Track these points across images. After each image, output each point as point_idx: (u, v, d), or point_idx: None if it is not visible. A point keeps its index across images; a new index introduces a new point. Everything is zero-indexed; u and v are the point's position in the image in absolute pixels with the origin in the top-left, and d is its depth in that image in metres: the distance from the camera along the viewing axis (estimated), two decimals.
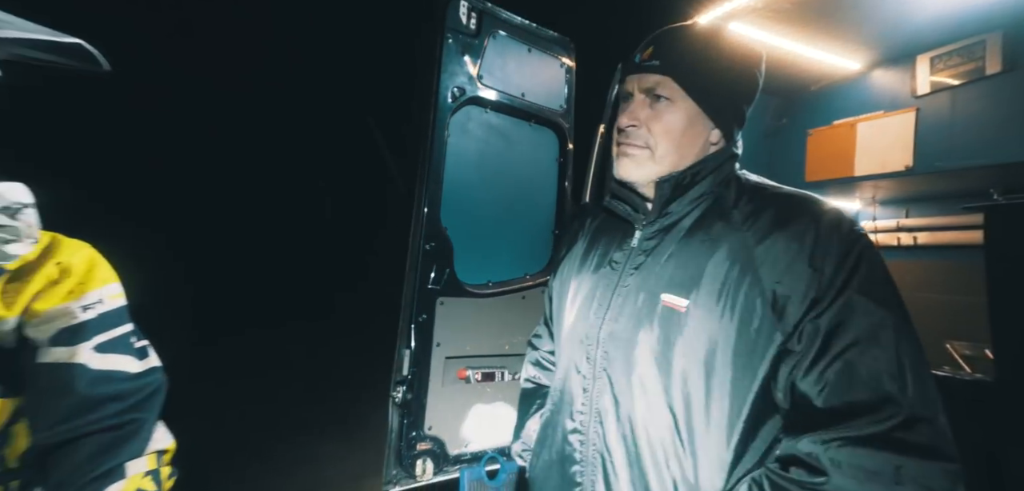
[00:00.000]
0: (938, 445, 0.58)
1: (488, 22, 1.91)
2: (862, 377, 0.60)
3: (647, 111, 0.79)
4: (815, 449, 0.60)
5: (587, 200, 2.33)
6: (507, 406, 2.20)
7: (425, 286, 1.93)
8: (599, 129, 2.32)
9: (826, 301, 0.63)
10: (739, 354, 0.67)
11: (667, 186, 0.79)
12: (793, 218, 0.69)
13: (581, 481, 0.78)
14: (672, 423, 0.69)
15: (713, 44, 0.79)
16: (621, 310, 0.77)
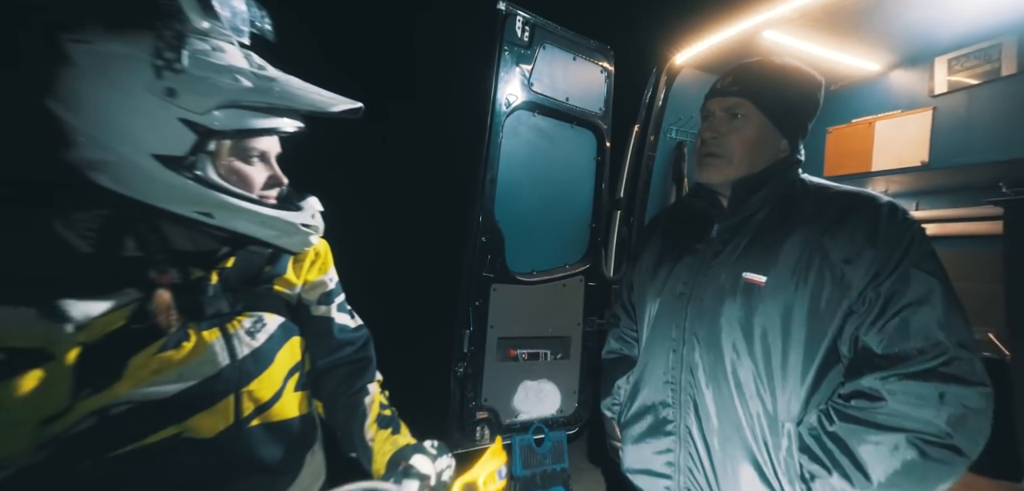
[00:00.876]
0: (973, 375, 0.75)
1: (540, 34, 2.09)
2: (916, 329, 0.78)
3: (727, 126, 0.97)
4: (875, 383, 0.78)
5: (622, 195, 2.52)
6: (550, 383, 2.43)
7: (481, 274, 2.15)
8: (634, 129, 2.50)
9: (886, 273, 0.80)
10: (812, 316, 0.85)
11: (743, 187, 0.96)
12: (855, 210, 0.86)
13: (674, 419, 1.00)
14: (754, 371, 0.89)
15: (780, 72, 0.97)
16: (706, 287, 0.97)
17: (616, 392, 1.18)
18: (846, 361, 0.86)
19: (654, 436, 1.03)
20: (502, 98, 2.05)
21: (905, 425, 0.76)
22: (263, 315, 0.76)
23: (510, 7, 2.01)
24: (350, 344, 0.89)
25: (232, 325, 0.72)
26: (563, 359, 2.43)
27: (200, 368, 0.66)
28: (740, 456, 0.90)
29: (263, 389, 0.73)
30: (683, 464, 0.98)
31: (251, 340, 0.73)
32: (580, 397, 2.46)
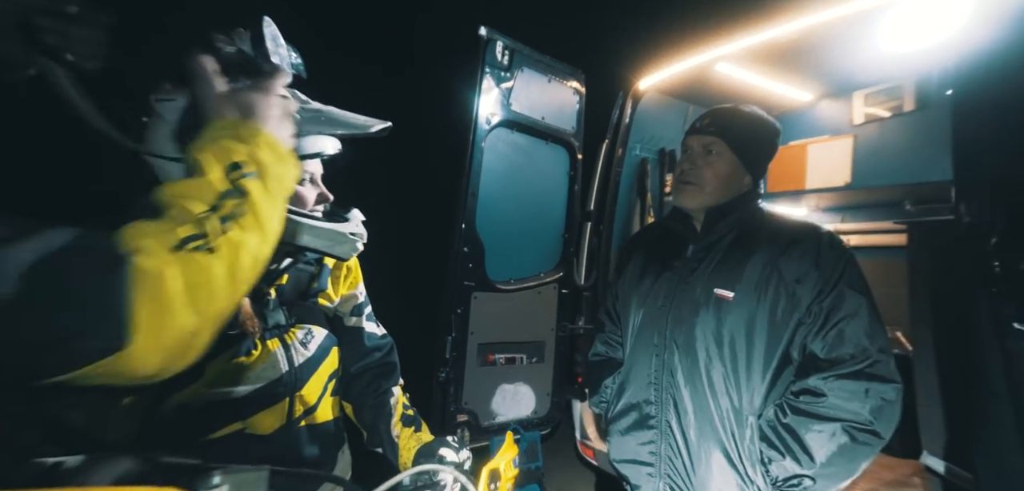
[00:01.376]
0: (890, 374, 0.96)
1: (518, 58, 2.23)
2: (849, 337, 0.97)
3: (703, 160, 1.14)
4: (818, 382, 0.97)
5: (592, 207, 2.71)
6: (525, 386, 2.56)
7: (463, 283, 2.25)
8: (603, 146, 2.70)
9: (827, 291, 0.99)
10: (770, 326, 1.02)
11: (714, 214, 1.14)
12: (803, 238, 1.05)
13: (656, 415, 1.15)
14: (724, 372, 1.06)
15: (749, 119, 1.16)
16: (684, 299, 1.13)
17: (603, 391, 1.32)
18: (796, 364, 1.04)
19: (638, 430, 1.19)
20: (483, 116, 2.17)
21: (840, 416, 0.95)
22: (311, 327, 0.84)
23: (491, 33, 2.13)
24: (378, 350, 0.98)
25: (289, 335, 0.81)
26: (538, 363, 2.56)
27: (265, 373, 0.75)
28: (712, 445, 1.07)
29: (311, 394, 0.82)
30: (664, 453, 1.14)
31: (304, 349, 0.82)
32: (553, 398, 2.61)
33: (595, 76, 2.55)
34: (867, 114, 2.91)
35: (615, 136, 2.63)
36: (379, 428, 0.93)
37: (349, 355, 0.95)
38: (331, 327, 0.91)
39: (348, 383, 0.97)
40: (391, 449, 0.91)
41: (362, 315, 0.97)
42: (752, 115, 1.17)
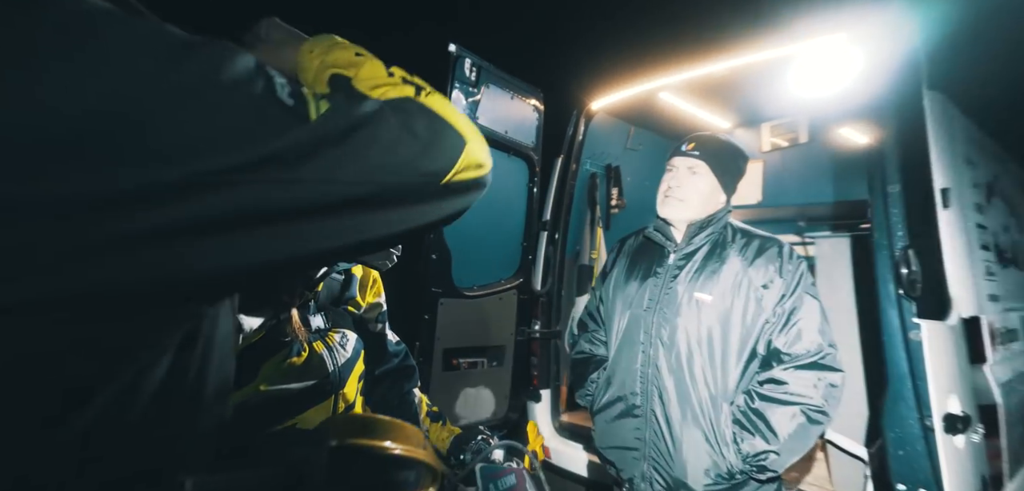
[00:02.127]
0: (836, 364, 1.17)
1: (485, 75, 2.33)
2: (807, 336, 1.17)
3: (686, 178, 1.32)
4: (781, 372, 1.17)
5: (547, 217, 2.88)
6: (486, 389, 2.63)
7: (430, 289, 2.27)
8: (558, 160, 2.89)
9: (788, 296, 1.20)
10: (742, 326, 1.21)
11: (695, 226, 1.32)
12: (767, 250, 1.25)
13: (641, 404, 1.29)
14: (703, 363, 1.22)
15: (728, 147, 1.36)
16: (668, 302, 1.29)
17: (589, 385, 1.44)
18: (761, 358, 1.24)
19: (624, 418, 1.32)
20: None
21: (799, 400, 1.15)
22: (346, 331, 0.87)
23: (460, 50, 2.22)
24: (396, 355, 1.03)
25: (330, 338, 0.83)
26: (498, 367, 2.66)
27: (315, 372, 0.78)
28: (692, 428, 1.23)
29: (350, 391, 0.85)
30: (648, 438, 1.29)
31: (343, 351, 0.85)
32: (511, 401, 2.71)
33: (552, 96, 2.74)
34: (772, 143, 3.45)
35: (570, 151, 2.83)
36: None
37: (374, 359, 0.99)
38: (357, 331, 0.94)
39: (372, 385, 0.99)
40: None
41: (385, 322, 1.02)
42: (729, 143, 1.39)
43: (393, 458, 0.42)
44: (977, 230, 1.66)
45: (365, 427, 0.43)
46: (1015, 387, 1.66)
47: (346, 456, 0.40)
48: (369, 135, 0.38)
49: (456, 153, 0.42)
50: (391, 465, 0.42)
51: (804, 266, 1.25)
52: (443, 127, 0.43)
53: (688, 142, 1.37)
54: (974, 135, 1.87)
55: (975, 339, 1.46)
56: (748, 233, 1.35)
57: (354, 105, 0.39)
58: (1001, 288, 1.76)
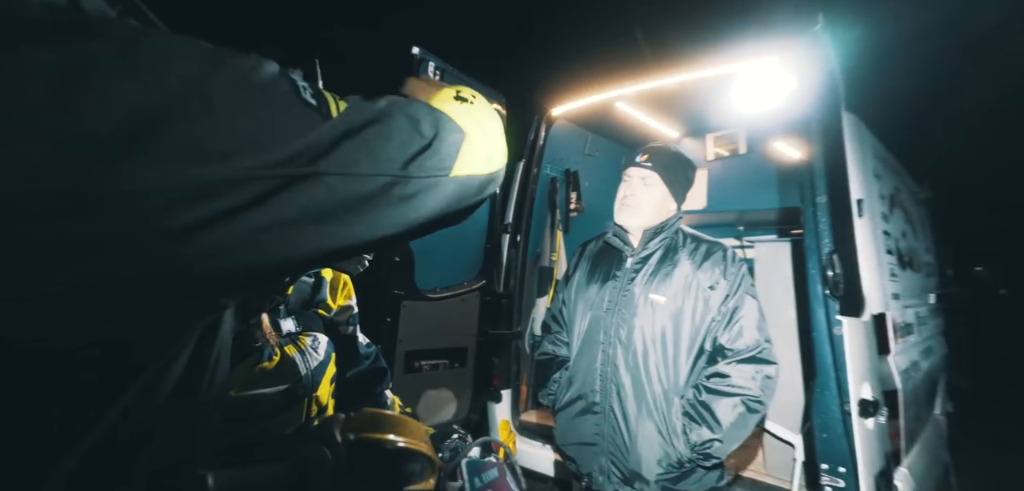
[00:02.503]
0: (771, 358, 1.28)
1: (448, 78, 2.33)
2: (746, 331, 1.28)
3: (640, 188, 1.41)
4: (724, 366, 1.28)
5: (509, 220, 2.92)
6: (448, 390, 2.63)
7: (393, 291, 2.24)
8: (520, 164, 2.94)
9: (731, 296, 1.31)
10: (691, 324, 1.31)
11: (649, 232, 1.41)
12: (713, 254, 1.36)
13: (600, 401, 1.36)
14: (657, 362, 1.31)
15: (678, 158, 1.45)
16: (626, 303, 1.37)
17: (551, 385, 1.49)
18: (708, 354, 1.35)
19: (584, 415, 1.39)
20: None
21: (739, 392, 1.26)
22: (317, 335, 0.86)
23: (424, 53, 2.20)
24: (367, 357, 1.03)
25: (301, 342, 0.82)
26: (460, 368, 2.66)
27: (287, 376, 0.77)
28: (646, 421, 1.31)
29: (322, 394, 0.84)
30: (607, 433, 1.36)
31: (315, 354, 0.84)
32: (472, 402, 2.73)
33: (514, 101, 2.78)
34: (715, 152, 3.71)
35: (531, 155, 2.90)
36: None
37: (345, 362, 0.98)
38: (328, 334, 0.93)
39: (343, 388, 0.98)
40: None
41: (356, 325, 1.02)
42: (679, 155, 1.49)
43: (403, 451, 0.44)
44: (883, 236, 1.90)
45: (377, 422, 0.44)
46: (911, 374, 1.92)
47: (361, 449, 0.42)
48: (383, 130, 0.40)
49: (455, 148, 0.45)
50: (401, 457, 0.44)
51: (745, 268, 1.38)
52: (445, 122, 0.46)
53: (641, 154, 1.47)
54: (880, 151, 2.14)
55: (882, 333, 1.68)
56: (697, 238, 1.46)
57: (368, 104, 0.42)
58: (901, 287, 2.03)
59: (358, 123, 0.39)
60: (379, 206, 0.40)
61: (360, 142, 0.38)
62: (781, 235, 2.65)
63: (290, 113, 0.36)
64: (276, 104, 0.35)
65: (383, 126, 0.41)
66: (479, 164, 0.47)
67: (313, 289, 0.89)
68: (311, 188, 0.35)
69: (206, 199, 0.30)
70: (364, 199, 0.39)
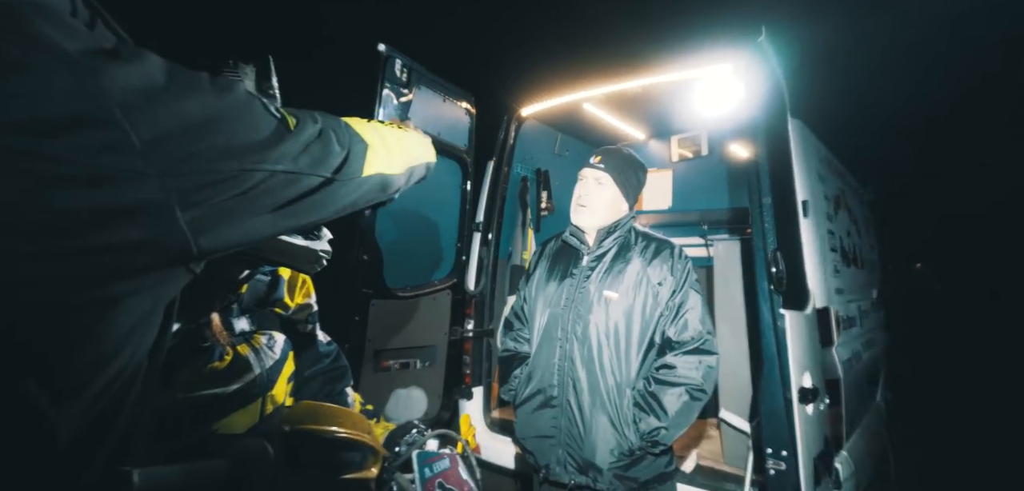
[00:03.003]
0: (713, 349, 1.37)
1: (416, 76, 2.34)
2: (690, 325, 1.36)
3: (594, 188, 1.46)
4: (671, 358, 1.35)
5: (480, 219, 2.94)
6: (418, 389, 2.63)
7: (361, 290, 2.22)
8: (490, 163, 2.97)
9: (678, 291, 1.38)
10: (642, 318, 1.37)
11: (603, 231, 1.47)
12: (662, 252, 1.43)
13: (557, 395, 1.40)
14: (610, 356, 1.36)
15: (629, 161, 1.50)
16: (582, 300, 1.42)
17: (512, 381, 1.53)
18: (657, 346, 1.41)
19: (543, 409, 1.44)
20: None
21: (684, 381, 1.33)
22: (273, 333, 0.85)
23: (390, 50, 2.20)
24: (328, 356, 1.02)
25: (255, 340, 0.81)
26: (430, 366, 2.67)
27: (240, 375, 0.76)
28: (600, 414, 1.37)
29: (279, 393, 0.83)
30: (563, 425, 1.41)
31: (271, 353, 0.83)
32: (443, 399, 2.74)
33: (485, 101, 2.81)
34: (680, 154, 3.85)
35: (501, 155, 2.92)
36: None
37: (303, 359, 0.98)
38: (286, 333, 0.93)
39: (300, 386, 0.98)
40: None
41: (316, 323, 1.01)
42: (631, 157, 1.55)
43: (340, 440, 0.46)
44: (827, 235, 2.04)
45: (314, 414, 0.46)
46: (853, 364, 2.07)
47: (297, 439, 0.44)
48: (323, 142, 0.52)
49: (362, 156, 0.58)
50: (338, 446, 0.46)
51: (690, 264, 1.46)
52: (355, 137, 0.58)
53: (595, 156, 1.53)
54: (824, 154, 2.29)
55: (825, 326, 1.80)
56: (648, 237, 1.52)
57: (310, 120, 0.52)
58: (844, 283, 2.18)
59: (311, 136, 0.50)
60: (322, 196, 0.52)
61: (311, 151, 0.50)
62: (739, 235, 2.78)
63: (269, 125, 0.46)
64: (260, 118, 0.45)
65: (323, 140, 0.52)
66: (382, 166, 0.60)
67: (269, 287, 0.88)
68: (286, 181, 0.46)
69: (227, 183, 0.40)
70: (314, 191, 0.50)
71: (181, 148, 0.37)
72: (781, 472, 1.41)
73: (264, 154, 0.44)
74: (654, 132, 3.82)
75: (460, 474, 0.71)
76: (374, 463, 0.50)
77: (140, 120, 0.34)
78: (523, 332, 1.61)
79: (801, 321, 1.55)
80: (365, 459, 0.49)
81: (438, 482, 0.67)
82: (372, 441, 0.50)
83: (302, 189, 0.48)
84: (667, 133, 3.79)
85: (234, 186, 0.41)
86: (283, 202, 0.46)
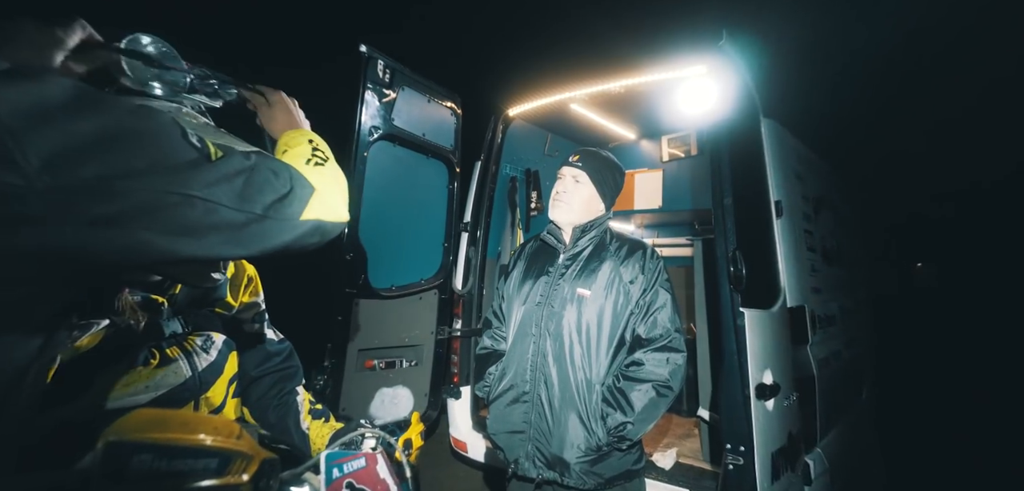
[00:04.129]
0: (681, 347, 1.35)
1: (399, 77, 2.37)
2: (660, 322, 1.37)
3: (572, 186, 1.48)
4: (640, 355, 1.35)
5: (467, 218, 2.97)
6: (404, 388, 2.66)
7: (345, 289, 2.26)
8: (478, 163, 3.00)
9: (648, 290, 1.39)
10: (614, 316, 1.38)
11: (578, 230, 1.49)
12: (635, 251, 1.44)
13: (529, 391, 1.42)
14: (582, 352, 1.38)
15: (606, 161, 1.52)
16: (556, 297, 1.43)
17: (487, 377, 1.55)
18: (628, 344, 1.42)
19: (515, 404, 1.46)
20: (365, 130, 2.25)
21: (651, 378, 1.35)
22: (210, 334, 0.86)
23: (371, 51, 2.24)
24: (278, 355, 1.03)
25: (188, 343, 0.82)
26: (417, 365, 2.70)
27: (167, 379, 0.76)
28: (569, 409, 1.39)
29: (216, 396, 0.84)
30: (534, 420, 1.43)
31: (206, 355, 0.84)
32: (430, 398, 2.76)
33: (471, 101, 2.84)
34: (670, 154, 3.85)
35: (489, 155, 2.95)
36: (287, 425, 0.99)
37: (250, 359, 0.99)
38: (230, 333, 0.93)
39: (248, 386, 0.99)
40: (302, 441, 0.99)
41: (263, 322, 1.02)
42: (608, 159, 1.57)
43: (179, 448, 0.44)
44: (804, 235, 2.04)
45: (154, 422, 0.44)
46: (830, 363, 2.07)
47: (119, 451, 0.42)
48: (252, 179, 0.54)
49: (304, 201, 0.59)
50: (177, 454, 0.43)
51: (662, 264, 1.48)
52: (299, 180, 0.59)
53: (574, 155, 1.55)
54: (804, 155, 2.29)
55: (799, 324, 1.81)
56: (622, 237, 1.55)
57: (240, 155, 0.54)
58: (823, 282, 2.18)
59: (235, 169, 0.52)
60: (249, 233, 0.53)
61: (233, 184, 0.52)
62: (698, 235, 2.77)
63: (185, 152, 0.48)
64: (174, 144, 0.48)
65: (251, 176, 0.54)
66: (324, 212, 0.61)
67: (206, 289, 0.88)
68: (191, 208, 0.47)
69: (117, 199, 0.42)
70: (238, 225, 0.52)
71: (72, 165, 0.39)
72: (739, 467, 1.42)
73: (172, 178, 0.45)
74: (644, 132, 3.83)
75: (377, 473, 0.69)
76: (243, 469, 0.49)
77: (27, 139, 0.37)
78: (501, 330, 1.62)
79: (765, 319, 1.56)
80: (227, 465, 0.47)
81: (347, 482, 0.66)
82: (237, 445, 0.48)
83: (219, 220, 0.49)
84: (657, 133, 3.80)
85: (127, 203, 0.42)
86: (191, 227, 0.47)
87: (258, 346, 1.01)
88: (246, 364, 0.98)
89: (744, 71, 1.61)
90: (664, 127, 3.67)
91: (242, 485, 0.47)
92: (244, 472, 0.47)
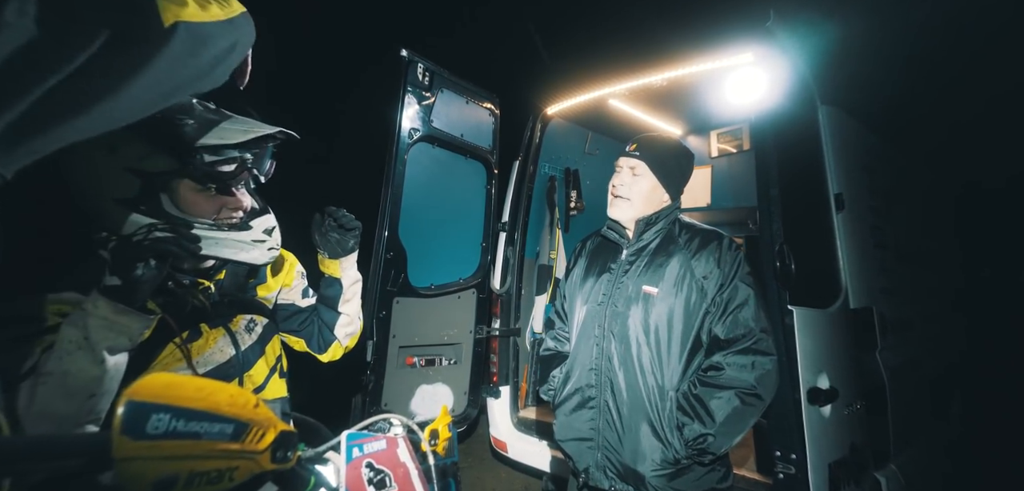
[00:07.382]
0: (769, 349, 1.20)
1: (438, 80, 2.43)
2: (741, 322, 1.21)
3: (629, 179, 1.36)
4: (719, 358, 1.21)
5: (506, 218, 2.98)
6: (444, 386, 2.71)
7: (385, 288, 2.34)
8: (516, 163, 3.00)
9: (726, 285, 1.24)
10: (685, 315, 1.24)
11: (642, 223, 1.35)
12: (709, 243, 1.29)
13: (595, 396, 1.33)
14: (651, 356, 1.26)
15: (667, 146, 1.39)
16: (619, 296, 1.32)
17: (552, 381, 1.47)
18: (705, 346, 1.27)
19: (581, 410, 1.37)
20: (405, 132, 2.33)
21: (733, 384, 1.19)
22: (253, 317, 0.93)
23: (412, 55, 2.31)
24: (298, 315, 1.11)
25: (233, 324, 0.89)
26: (456, 364, 2.74)
27: (213, 357, 0.83)
28: (640, 418, 1.28)
29: (258, 375, 0.91)
30: (601, 428, 1.33)
31: (248, 336, 0.90)
32: (469, 397, 2.79)
33: (508, 101, 2.85)
34: (720, 149, 3.65)
35: (527, 154, 2.95)
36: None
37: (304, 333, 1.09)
38: (273, 317, 1.00)
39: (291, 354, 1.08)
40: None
41: (309, 295, 1.11)
42: (670, 143, 1.42)
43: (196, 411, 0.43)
44: (872, 231, 1.84)
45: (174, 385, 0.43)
46: (906, 372, 1.85)
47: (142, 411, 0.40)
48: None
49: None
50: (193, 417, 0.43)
51: (741, 256, 1.30)
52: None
53: (631, 144, 1.42)
54: (874, 145, 2.07)
55: (864, 327, 1.63)
56: (693, 228, 1.39)
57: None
58: (896, 283, 1.95)
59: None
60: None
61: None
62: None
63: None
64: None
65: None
66: (190, 13, 0.47)
67: (248, 273, 0.95)
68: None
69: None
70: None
71: None
72: (790, 476, 1.29)
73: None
74: (692, 127, 3.66)
75: (397, 456, 0.69)
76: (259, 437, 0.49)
77: None
78: (564, 331, 1.53)
79: (820, 319, 1.42)
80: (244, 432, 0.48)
81: (367, 462, 0.66)
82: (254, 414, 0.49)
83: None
84: (706, 128, 3.61)
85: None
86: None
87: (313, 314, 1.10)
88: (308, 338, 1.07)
89: (796, 55, 1.49)
90: (713, 121, 3.49)
91: (258, 452, 0.48)
92: (260, 440, 0.48)
